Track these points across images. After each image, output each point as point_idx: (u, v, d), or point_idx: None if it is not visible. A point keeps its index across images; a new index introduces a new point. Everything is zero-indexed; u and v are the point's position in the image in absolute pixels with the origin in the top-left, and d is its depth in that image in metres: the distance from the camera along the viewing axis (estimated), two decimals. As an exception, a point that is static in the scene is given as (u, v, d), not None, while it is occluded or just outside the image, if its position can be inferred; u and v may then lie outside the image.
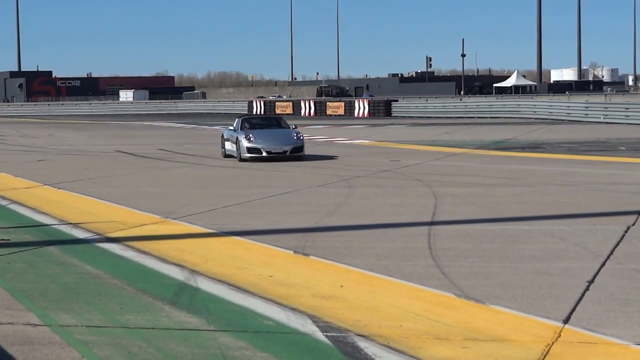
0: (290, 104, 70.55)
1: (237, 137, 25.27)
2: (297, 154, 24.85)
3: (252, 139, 24.81)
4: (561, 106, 52.25)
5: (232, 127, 26.51)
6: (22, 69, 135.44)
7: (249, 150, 24.64)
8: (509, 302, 7.69)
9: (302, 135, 25.78)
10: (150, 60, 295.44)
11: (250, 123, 26.72)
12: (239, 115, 27.59)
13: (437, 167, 22.19)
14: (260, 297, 8.08)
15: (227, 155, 26.27)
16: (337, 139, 35.99)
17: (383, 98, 74.03)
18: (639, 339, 6.52)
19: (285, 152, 24.65)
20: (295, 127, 26.49)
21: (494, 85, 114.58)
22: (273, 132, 25.84)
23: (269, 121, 27.48)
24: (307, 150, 25.87)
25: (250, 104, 74.81)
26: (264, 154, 24.55)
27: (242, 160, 24.62)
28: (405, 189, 16.98)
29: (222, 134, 27.36)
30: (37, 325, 7.26)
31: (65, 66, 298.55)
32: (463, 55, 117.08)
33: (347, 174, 20.24)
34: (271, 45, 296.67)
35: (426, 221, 12.64)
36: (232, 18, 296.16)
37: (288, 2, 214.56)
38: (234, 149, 25.51)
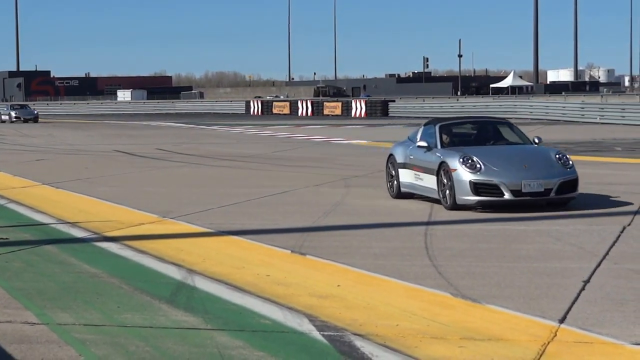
0: (288, 104, 70.60)
1: (440, 163, 13.74)
2: (566, 195, 13.54)
3: (479, 166, 13.36)
4: (557, 107, 52.34)
5: (422, 143, 14.56)
6: (21, 69, 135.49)
7: (478, 188, 13.22)
8: (506, 302, 7.71)
9: (569, 159, 13.97)
10: (148, 60, 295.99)
11: (455, 134, 14.93)
12: (430, 121, 15.50)
13: (434, 167, 22.16)
14: (258, 296, 8.09)
15: (403, 194, 15.11)
16: (334, 139, 36.01)
17: (380, 98, 74.06)
18: (634, 338, 6.54)
19: (547, 191, 13.31)
20: (539, 140, 14.84)
21: (491, 85, 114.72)
22: (511, 151, 14.35)
23: (487, 129, 15.33)
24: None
25: (247, 103, 74.90)
26: (507, 195, 13.18)
27: (456, 206, 13.39)
28: (403, 189, 16.96)
29: (390, 155, 15.69)
30: (35, 323, 7.27)
31: (64, 66, 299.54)
32: (460, 56, 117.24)
33: (345, 173, 20.26)
34: (269, 45, 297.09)
35: (423, 221, 12.65)
36: (230, 18, 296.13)
37: (286, 3, 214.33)
38: (428, 184, 14.21)
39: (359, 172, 20.75)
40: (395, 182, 15.33)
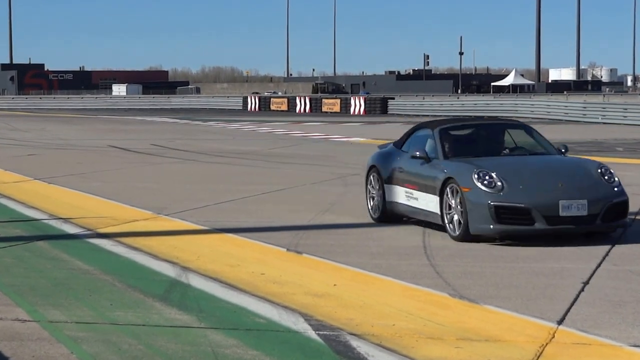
0: (286, 100, 70.53)
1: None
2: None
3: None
4: (559, 106, 52.27)
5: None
6: (14, 62, 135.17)
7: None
8: (503, 302, 7.64)
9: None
10: (144, 54, 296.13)
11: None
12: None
13: (432, 165, 22.11)
14: (252, 294, 8.02)
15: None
16: (332, 136, 35.94)
17: (379, 95, 73.98)
18: (632, 340, 6.49)
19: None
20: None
21: (492, 83, 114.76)
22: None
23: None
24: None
25: (245, 99, 74.84)
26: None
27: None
28: (400, 187, 16.90)
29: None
30: (26, 320, 7.19)
31: (58, 59, 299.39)
32: (461, 54, 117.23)
33: (343, 171, 20.20)
34: (267, 40, 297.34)
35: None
36: (227, 12, 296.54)
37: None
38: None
39: (357, 170, 20.65)
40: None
